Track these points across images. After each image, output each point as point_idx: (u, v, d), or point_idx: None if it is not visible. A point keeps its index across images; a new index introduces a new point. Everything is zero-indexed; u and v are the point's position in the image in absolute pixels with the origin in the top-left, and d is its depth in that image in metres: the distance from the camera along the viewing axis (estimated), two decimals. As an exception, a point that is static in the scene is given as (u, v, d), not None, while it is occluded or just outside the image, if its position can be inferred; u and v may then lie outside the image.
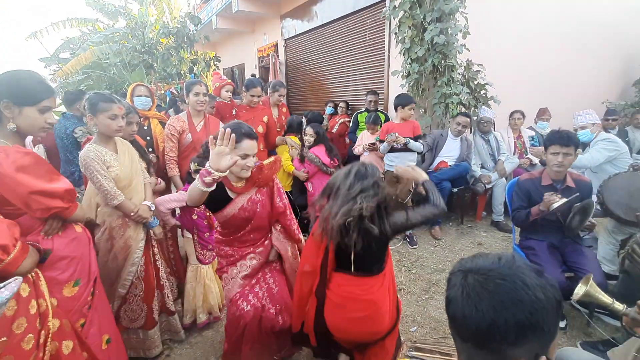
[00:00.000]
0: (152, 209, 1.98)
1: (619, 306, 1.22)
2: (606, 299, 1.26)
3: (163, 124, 3.02)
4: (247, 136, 1.54)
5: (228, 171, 1.39)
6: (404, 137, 3.31)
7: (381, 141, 3.55)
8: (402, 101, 3.44)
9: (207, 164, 1.33)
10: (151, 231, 2.01)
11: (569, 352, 1.28)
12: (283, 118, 3.77)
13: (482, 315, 0.62)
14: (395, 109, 3.54)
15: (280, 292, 1.82)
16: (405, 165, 3.50)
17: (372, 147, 3.68)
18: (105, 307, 1.65)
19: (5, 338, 1.08)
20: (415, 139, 3.45)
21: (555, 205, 2.07)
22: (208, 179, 1.30)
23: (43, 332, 1.19)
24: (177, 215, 2.31)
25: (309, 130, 3.34)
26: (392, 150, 3.43)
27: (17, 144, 1.30)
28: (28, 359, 1.13)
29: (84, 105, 1.79)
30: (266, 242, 1.83)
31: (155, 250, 2.06)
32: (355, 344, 1.57)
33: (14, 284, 0.88)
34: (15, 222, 1.22)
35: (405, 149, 3.38)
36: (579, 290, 1.29)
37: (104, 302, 1.64)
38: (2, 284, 0.87)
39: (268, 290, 1.79)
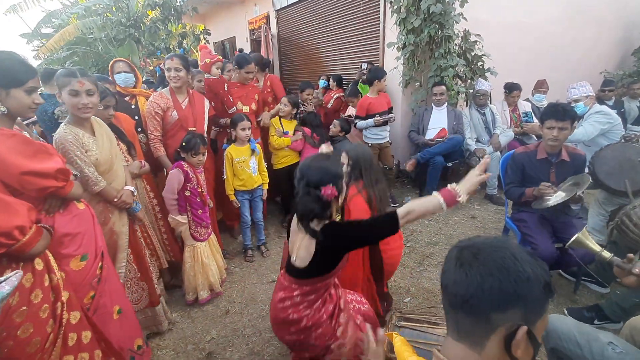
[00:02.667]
0: (135, 194, 1.91)
1: (607, 254, 1.31)
2: (595, 246, 1.35)
3: None
4: None
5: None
6: (387, 114, 3.62)
7: (357, 117, 3.71)
8: (380, 74, 3.66)
9: (456, 187, 1.23)
10: (134, 216, 1.94)
11: (554, 318, 1.34)
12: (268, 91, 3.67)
13: (470, 281, 0.66)
14: (371, 83, 3.69)
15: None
16: (385, 135, 3.73)
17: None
18: (115, 280, 1.69)
19: (25, 307, 1.17)
20: (390, 110, 3.73)
21: (550, 203, 2.08)
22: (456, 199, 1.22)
23: (59, 303, 1.27)
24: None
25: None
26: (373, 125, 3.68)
27: (6, 126, 1.29)
28: (45, 326, 1.22)
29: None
30: None
31: (139, 234, 2.02)
32: None
33: (15, 278, 0.93)
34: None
35: (382, 122, 3.65)
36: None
37: (113, 275, 1.68)
38: (2, 278, 0.91)
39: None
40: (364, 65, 4.26)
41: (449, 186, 1.25)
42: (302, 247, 1.34)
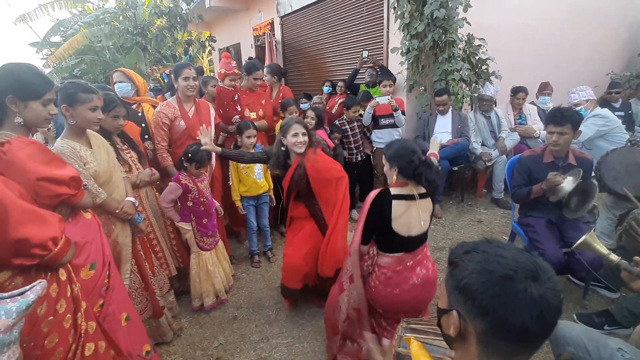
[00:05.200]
0: (136, 205, 1.91)
1: (614, 257, 1.30)
2: (602, 249, 1.34)
3: (156, 107, 2.95)
4: None
5: None
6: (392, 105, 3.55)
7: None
8: (380, 79, 3.78)
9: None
10: (136, 227, 1.95)
11: (562, 325, 1.33)
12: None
13: (555, 319, 0.63)
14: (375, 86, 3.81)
15: None
16: (392, 139, 3.67)
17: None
18: (121, 287, 1.71)
19: (52, 317, 1.18)
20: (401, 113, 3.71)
21: (566, 188, 2.07)
22: None
23: (79, 314, 1.28)
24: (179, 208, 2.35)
25: (310, 113, 3.32)
26: (378, 127, 3.71)
27: (22, 135, 1.33)
28: (67, 336, 1.23)
29: (54, 93, 1.68)
30: None
31: (139, 246, 2.03)
32: None
33: (39, 287, 0.95)
34: None
35: (389, 125, 3.67)
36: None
37: (119, 283, 1.70)
38: (28, 287, 0.93)
39: None
40: (365, 53, 4.27)
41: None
42: (425, 211, 1.66)
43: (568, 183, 2.09)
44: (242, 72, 3.38)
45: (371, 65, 4.37)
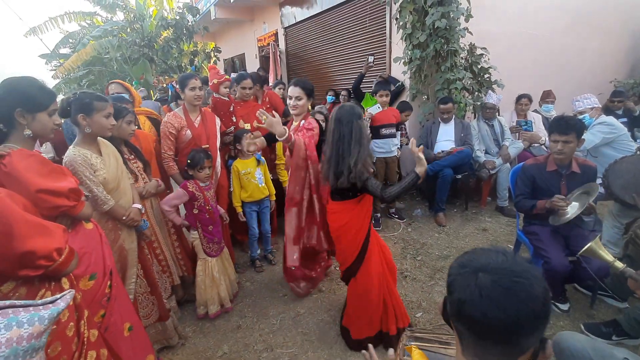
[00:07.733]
0: (143, 211, 1.95)
1: (619, 265, 1.30)
2: (608, 256, 1.34)
3: (151, 119, 2.98)
4: None
5: None
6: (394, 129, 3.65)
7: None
8: (375, 88, 3.73)
9: None
10: (141, 233, 1.97)
11: (567, 336, 1.32)
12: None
13: (505, 314, 0.64)
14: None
15: None
16: (390, 149, 3.69)
17: None
18: (124, 297, 1.71)
19: (55, 326, 1.17)
20: (398, 125, 3.72)
21: (569, 216, 2.06)
22: None
23: (82, 322, 1.29)
24: (184, 215, 2.37)
25: (318, 116, 3.35)
26: (378, 136, 3.65)
27: (28, 148, 1.35)
28: (71, 344, 1.23)
29: (65, 105, 1.67)
30: None
31: (146, 251, 2.05)
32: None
33: (69, 296, 0.99)
34: None
35: (390, 134, 3.62)
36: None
37: (122, 293, 1.70)
38: (59, 295, 0.97)
39: None
40: (370, 59, 4.28)
41: None
42: None
43: (572, 209, 2.07)
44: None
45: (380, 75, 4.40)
